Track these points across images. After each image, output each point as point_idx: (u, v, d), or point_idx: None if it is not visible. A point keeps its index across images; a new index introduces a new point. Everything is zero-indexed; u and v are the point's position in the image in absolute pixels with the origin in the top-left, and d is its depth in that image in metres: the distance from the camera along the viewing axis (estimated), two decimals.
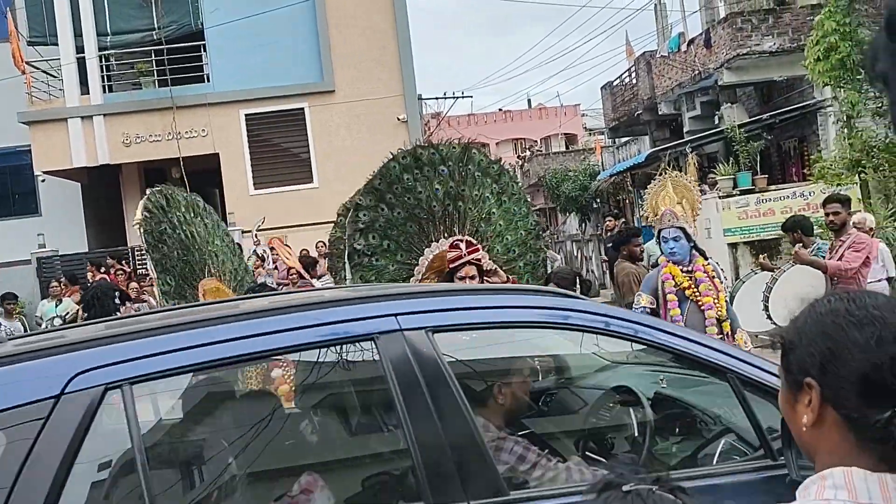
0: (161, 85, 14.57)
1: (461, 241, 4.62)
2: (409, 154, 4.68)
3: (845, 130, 10.79)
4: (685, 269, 4.99)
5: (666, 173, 5.61)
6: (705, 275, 4.99)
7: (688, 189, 5.46)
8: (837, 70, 10.24)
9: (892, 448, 1.04)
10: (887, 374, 1.05)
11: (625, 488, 1.24)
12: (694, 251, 5.11)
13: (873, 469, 1.05)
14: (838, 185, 10.10)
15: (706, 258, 5.17)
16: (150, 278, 5.06)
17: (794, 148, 14.27)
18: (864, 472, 1.05)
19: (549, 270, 6.07)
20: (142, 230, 4.73)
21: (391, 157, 4.70)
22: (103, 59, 14.81)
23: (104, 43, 14.61)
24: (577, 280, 4.38)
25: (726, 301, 5.08)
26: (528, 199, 5.42)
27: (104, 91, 14.72)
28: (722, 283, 5.12)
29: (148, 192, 5.08)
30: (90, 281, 11.32)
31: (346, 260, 4.61)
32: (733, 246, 11.33)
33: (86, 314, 7.35)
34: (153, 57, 14.70)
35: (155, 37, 14.50)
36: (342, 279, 6.57)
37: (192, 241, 5.04)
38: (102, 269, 11.90)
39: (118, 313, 7.09)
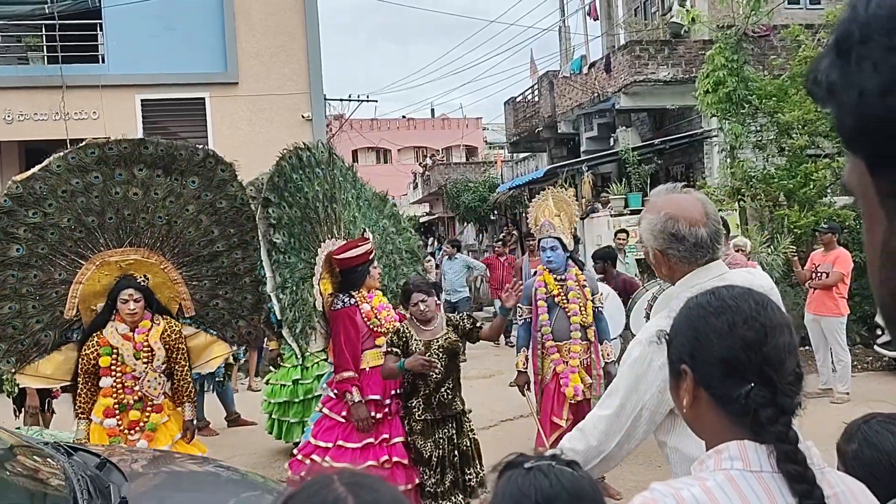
0: (51, 62, 13.77)
1: (366, 240, 4.69)
2: (293, 154, 4.68)
3: (728, 160, 11.48)
4: (559, 277, 5.28)
5: (548, 188, 5.90)
6: (576, 283, 5.29)
7: (567, 203, 5.77)
8: (724, 103, 10.91)
9: (755, 421, 1.18)
10: (741, 354, 1.19)
11: (526, 465, 1.32)
12: (570, 261, 5.39)
13: (750, 440, 1.18)
14: (720, 210, 10.74)
15: (582, 269, 5.47)
16: None
17: (682, 173, 15.06)
18: (755, 444, 1.17)
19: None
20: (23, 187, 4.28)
21: (280, 156, 4.68)
22: None
23: None
24: (435, 291, 4.54)
25: (598, 310, 5.37)
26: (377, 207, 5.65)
27: None
28: (597, 293, 5.42)
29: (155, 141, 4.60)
30: None
31: (264, 257, 4.44)
32: None
33: None
34: (44, 31, 13.89)
35: (47, 10, 13.70)
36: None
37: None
38: None
39: None
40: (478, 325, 4.57)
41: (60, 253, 4.42)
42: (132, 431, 4.39)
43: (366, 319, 4.55)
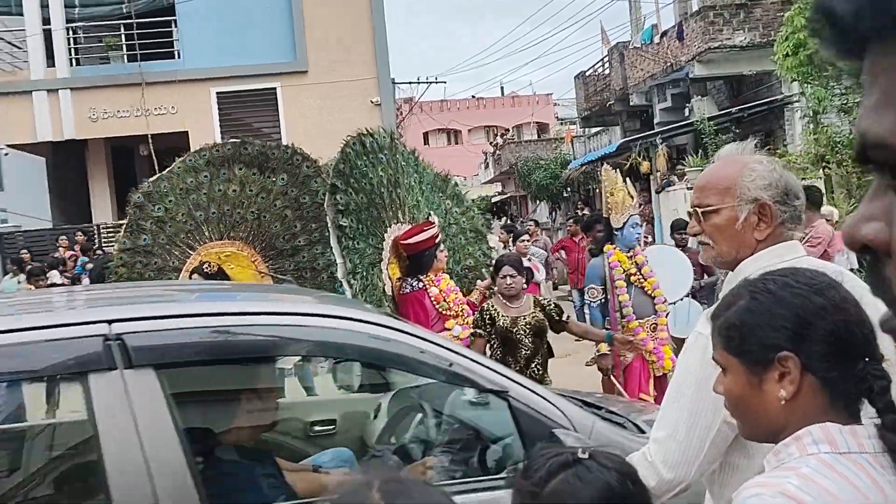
0: (130, 60, 14.31)
1: (431, 223, 4.70)
2: (356, 140, 4.73)
3: (811, 126, 11.00)
4: (629, 255, 5.19)
5: (604, 170, 5.64)
6: (643, 259, 5.23)
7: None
8: (805, 66, 10.42)
9: (861, 400, 1.12)
10: (855, 329, 1.12)
11: (580, 454, 1.19)
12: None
13: (844, 423, 1.12)
14: (803, 179, 10.31)
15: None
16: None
17: (762, 142, 14.51)
18: (838, 426, 1.11)
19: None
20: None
21: (344, 143, 4.73)
22: (70, 32, 14.49)
23: (72, 15, 14.28)
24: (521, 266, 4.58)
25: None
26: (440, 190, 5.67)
27: (71, 64, 14.41)
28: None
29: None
30: (58, 256, 11.10)
31: (333, 243, 4.47)
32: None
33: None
34: (122, 31, 14.44)
35: (124, 10, 14.23)
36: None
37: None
38: (77, 246, 11.89)
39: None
40: (565, 317, 4.64)
41: (175, 244, 5.08)
42: None
43: (434, 302, 4.58)
